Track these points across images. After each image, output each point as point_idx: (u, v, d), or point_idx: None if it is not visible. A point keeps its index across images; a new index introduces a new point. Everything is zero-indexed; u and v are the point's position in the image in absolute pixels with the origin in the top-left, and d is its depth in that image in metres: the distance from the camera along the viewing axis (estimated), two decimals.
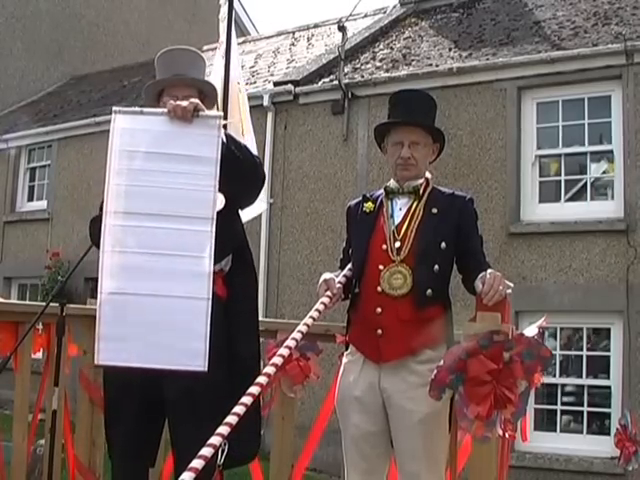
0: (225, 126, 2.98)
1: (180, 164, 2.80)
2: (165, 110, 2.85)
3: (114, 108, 2.89)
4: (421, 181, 3.01)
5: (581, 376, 7.69)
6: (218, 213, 2.81)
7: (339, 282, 2.99)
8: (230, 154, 2.87)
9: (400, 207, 2.99)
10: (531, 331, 2.78)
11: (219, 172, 2.79)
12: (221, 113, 2.86)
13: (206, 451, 2.28)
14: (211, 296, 2.73)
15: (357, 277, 2.96)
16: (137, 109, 2.93)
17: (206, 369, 2.69)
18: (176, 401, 2.90)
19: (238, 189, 2.96)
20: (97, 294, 2.75)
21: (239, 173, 2.89)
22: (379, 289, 2.88)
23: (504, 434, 2.67)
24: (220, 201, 2.84)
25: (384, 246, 2.92)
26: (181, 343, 2.70)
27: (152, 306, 2.72)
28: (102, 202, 2.99)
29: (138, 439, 2.98)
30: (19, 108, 14.62)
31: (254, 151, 4.27)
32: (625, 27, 8.25)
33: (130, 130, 2.82)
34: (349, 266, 3.05)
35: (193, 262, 2.73)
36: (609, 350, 7.56)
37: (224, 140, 2.87)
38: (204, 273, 2.73)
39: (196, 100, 2.87)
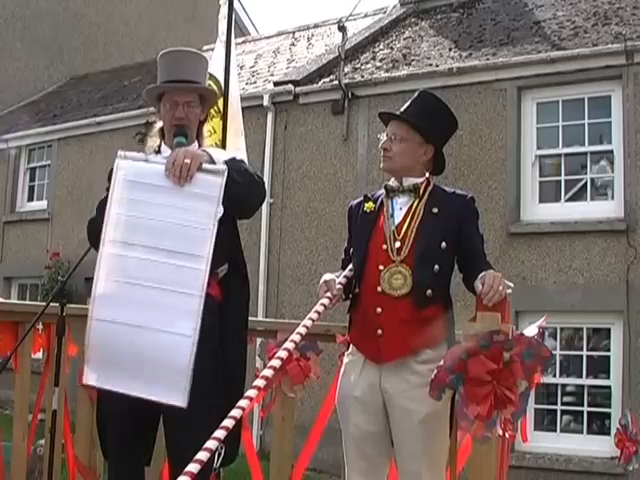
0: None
1: (181, 200, 2.79)
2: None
3: (119, 152, 2.87)
4: (421, 180, 3.01)
5: (581, 376, 7.69)
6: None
7: (339, 283, 2.98)
8: (231, 182, 2.84)
9: (400, 206, 2.99)
10: (531, 331, 2.78)
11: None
12: (225, 168, 2.87)
13: (202, 455, 2.28)
14: (198, 337, 2.72)
15: (357, 277, 2.96)
16: (142, 157, 2.91)
17: (185, 405, 2.68)
18: (172, 405, 2.90)
19: (237, 208, 2.96)
20: (87, 319, 2.75)
21: (238, 196, 2.88)
22: (379, 289, 2.87)
23: (504, 434, 2.67)
24: (219, 210, 2.85)
25: (384, 246, 2.92)
26: (164, 377, 2.70)
27: (139, 337, 2.72)
28: (99, 204, 3.00)
29: (134, 440, 2.98)
30: (19, 108, 14.62)
31: (244, 156, 4.29)
32: (625, 27, 8.25)
33: (131, 182, 2.83)
34: (350, 266, 3.05)
35: (185, 299, 2.73)
36: (609, 350, 7.56)
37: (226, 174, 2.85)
38: (194, 311, 2.72)
39: (196, 157, 2.83)
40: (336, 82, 9.31)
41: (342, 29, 9.70)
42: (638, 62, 7.59)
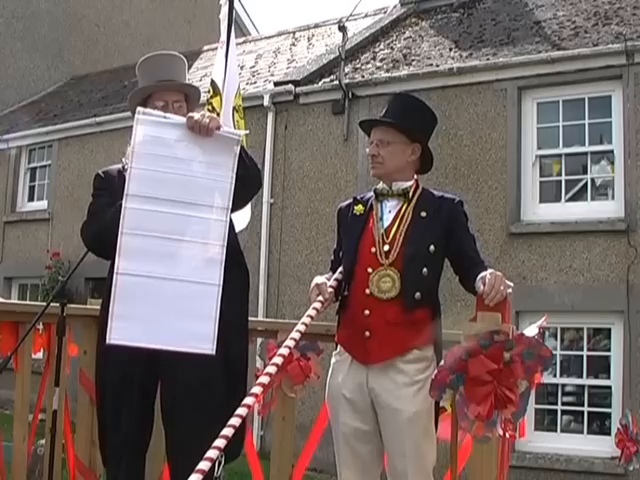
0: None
1: (201, 154, 2.88)
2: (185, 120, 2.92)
3: (138, 109, 2.93)
4: (410, 183, 3.03)
5: (581, 376, 7.69)
6: None
7: (330, 286, 2.99)
8: (241, 162, 2.93)
9: (390, 210, 3.01)
10: (531, 331, 2.78)
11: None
12: (241, 133, 2.96)
13: (204, 465, 2.26)
14: (222, 283, 2.80)
15: (346, 279, 2.98)
16: (161, 114, 2.97)
17: (214, 352, 2.74)
18: (174, 400, 2.90)
19: (238, 194, 2.99)
20: (113, 274, 2.79)
21: (243, 179, 2.95)
22: (367, 292, 2.89)
23: (504, 434, 2.67)
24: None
25: (373, 249, 2.94)
26: (192, 326, 2.76)
27: (165, 289, 2.78)
28: (90, 205, 3.04)
29: (137, 434, 2.99)
30: (19, 108, 14.62)
31: None
32: (625, 27, 8.25)
33: (152, 137, 2.88)
34: (340, 269, 3.06)
35: (208, 249, 2.82)
36: (609, 350, 7.56)
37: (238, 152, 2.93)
38: (217, 260, 2.82)
39: (213, 117, 2.93)
40: (336, 82, 9.30)
41: (342, 29, 9.71)
42: (638, 62, 7.59)
